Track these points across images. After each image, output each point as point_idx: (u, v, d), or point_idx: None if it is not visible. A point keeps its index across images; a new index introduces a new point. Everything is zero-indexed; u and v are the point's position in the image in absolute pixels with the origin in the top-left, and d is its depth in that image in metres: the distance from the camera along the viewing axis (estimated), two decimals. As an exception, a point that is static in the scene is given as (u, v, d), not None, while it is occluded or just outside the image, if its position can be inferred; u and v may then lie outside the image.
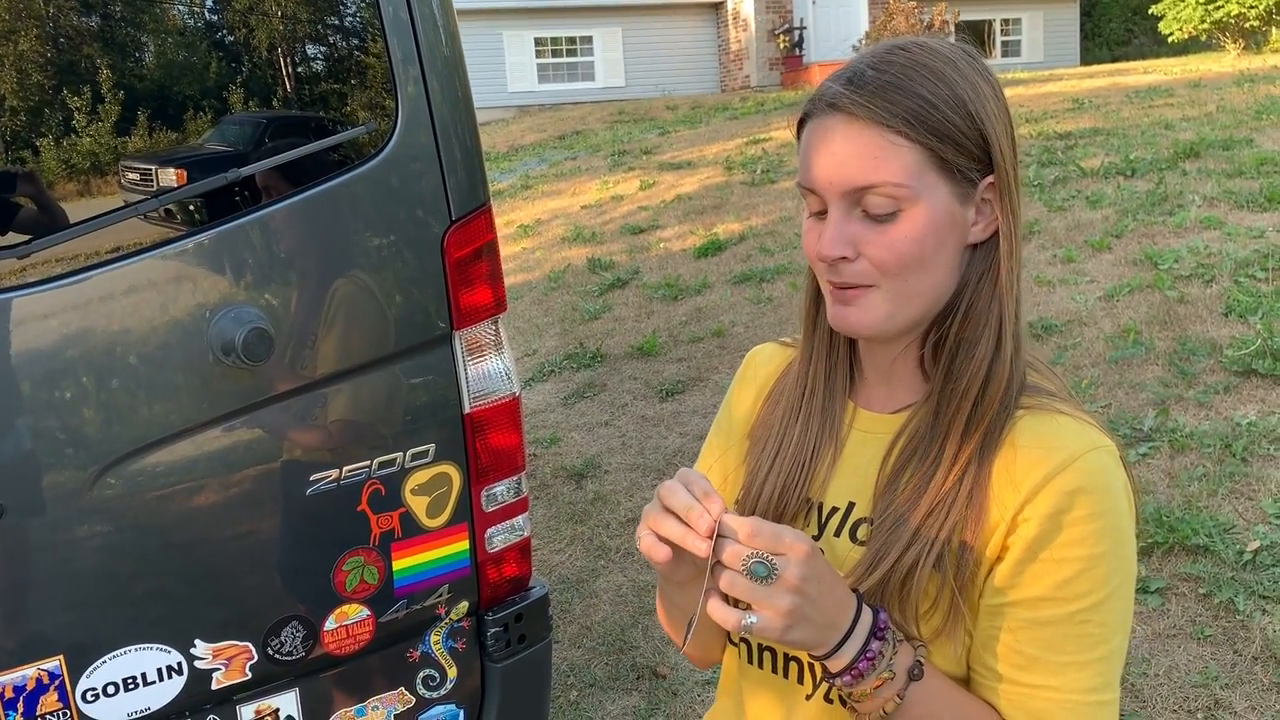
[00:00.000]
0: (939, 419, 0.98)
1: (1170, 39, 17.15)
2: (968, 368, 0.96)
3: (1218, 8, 15.47)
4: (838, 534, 1.03)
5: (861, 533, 1.01)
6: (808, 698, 1.03)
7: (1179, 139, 7.41)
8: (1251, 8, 15.09)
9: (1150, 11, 17.65)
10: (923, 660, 0.94)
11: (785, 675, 1.06)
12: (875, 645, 0.90)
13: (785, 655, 1.06)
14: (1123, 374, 4.33)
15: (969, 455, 0.95)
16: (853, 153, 0.93)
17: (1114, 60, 19.18)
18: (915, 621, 0.96)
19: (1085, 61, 19.81)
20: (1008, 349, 0.96)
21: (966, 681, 0.98)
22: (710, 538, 0.85)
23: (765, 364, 1.19)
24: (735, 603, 0.87)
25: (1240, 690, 2.70)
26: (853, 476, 1.04)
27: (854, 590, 0.93)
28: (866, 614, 0.91)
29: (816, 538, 1.04)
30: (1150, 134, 7.84)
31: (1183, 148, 7.07)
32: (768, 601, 0.85)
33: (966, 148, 0.94)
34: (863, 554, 0.98)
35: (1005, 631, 0.94)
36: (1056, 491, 0.91)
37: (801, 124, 1.00)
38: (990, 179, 0.96)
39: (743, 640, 1.10)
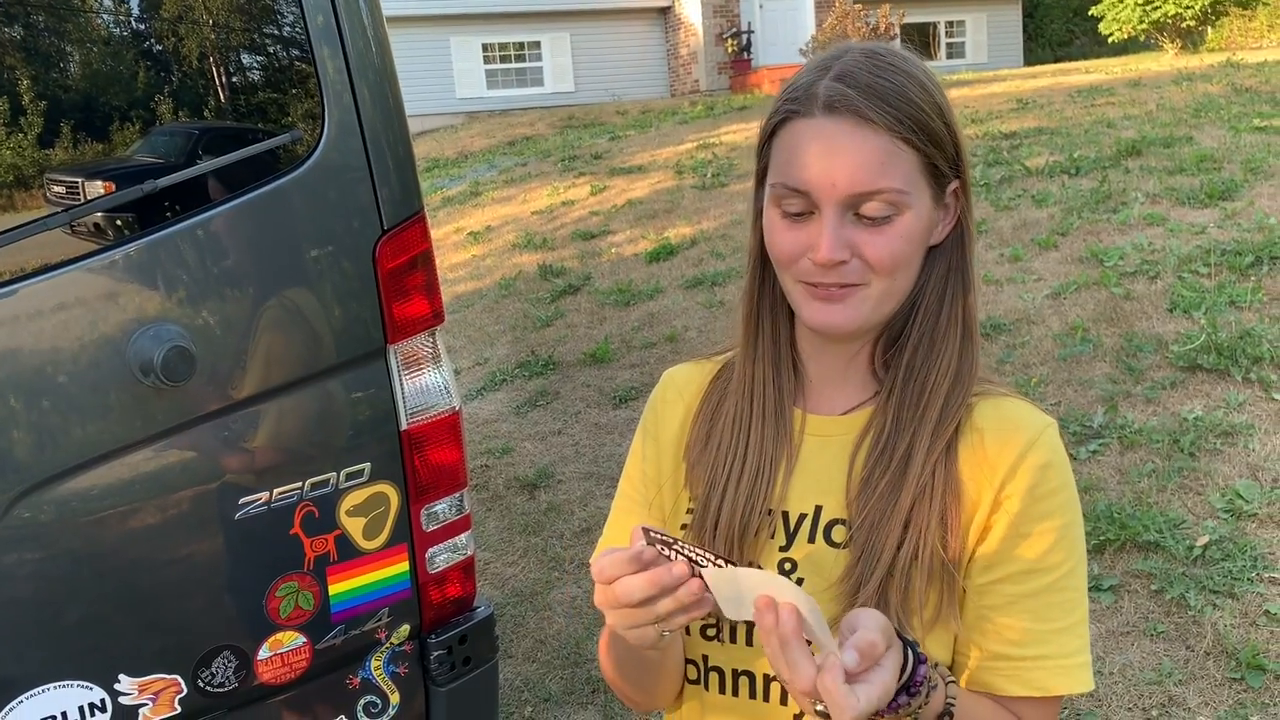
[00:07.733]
0: (904, 413, 0.99)
1: (1110, 39, 17.45)
2: (935, 363, 0.99)
3: (1155, 8, 15.77)
4: (811, 539, 1.01)
5: (836, 534, 1.00)
6: (797, 718, 0.99)
7: (1121, 137, 7.50)
8: (1188, 8, 15.40)
9: (1090, 13, 17.94)
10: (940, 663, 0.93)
11: (765, 699, 1.01)
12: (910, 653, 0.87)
13: (765, 676, 1.01)
14: (1071, 371, 4.36)
15: (942, 447, 0.97)
16: (864, 157, 0.92)
17: (1056, 61, 19.47)
18: (911, 618, 0.95)
19: (1029, 62, 20.08)
20: (975, 343, 1.01)
21: (951, 668, 0.98)
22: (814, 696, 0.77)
23: (688, 384, 1.15)
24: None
25: (1194, 686, 2.70)
26: (814, 480, 1.02)
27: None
28: None
29: (785, 547, 1.01)
30: (1093, 132, 7.94)
31: (1125, 146, 7.16)
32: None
33: (948, 153, 0.97)
34: (849, 558, 0.97)
35: (994, 610, 0.96)
36: (1031, 467, 0.95)
37: (781, 122, 0.96)
38: (957, 183, 0.99)
39: (712, 670, 1.04)
